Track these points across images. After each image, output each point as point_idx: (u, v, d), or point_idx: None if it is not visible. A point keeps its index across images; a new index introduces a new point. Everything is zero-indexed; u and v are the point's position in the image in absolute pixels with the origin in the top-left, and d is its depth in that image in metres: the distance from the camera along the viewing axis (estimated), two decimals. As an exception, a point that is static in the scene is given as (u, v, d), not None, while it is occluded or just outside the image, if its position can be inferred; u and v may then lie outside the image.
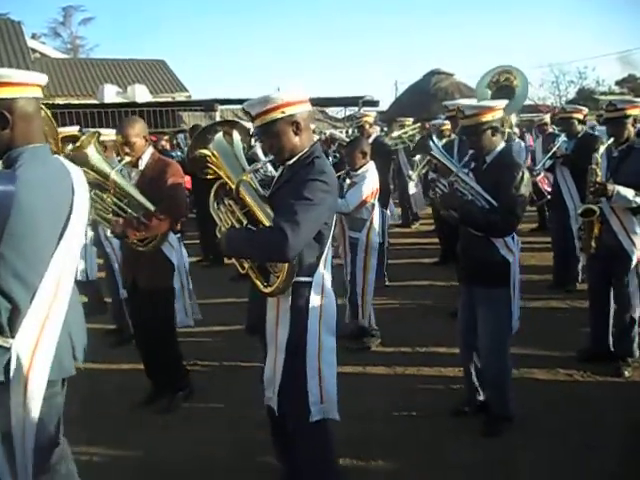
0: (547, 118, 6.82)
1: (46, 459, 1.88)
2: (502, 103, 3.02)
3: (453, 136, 5.42)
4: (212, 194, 2.23)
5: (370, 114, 6.59)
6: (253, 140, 3.55)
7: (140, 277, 3.31)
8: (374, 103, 16.20)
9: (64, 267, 1.85)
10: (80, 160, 2.83)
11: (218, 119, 12.79)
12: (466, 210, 2.87)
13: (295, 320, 2.14)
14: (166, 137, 8.41)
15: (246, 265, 2.19)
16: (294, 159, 2.14)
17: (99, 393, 3.56)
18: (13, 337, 1.75)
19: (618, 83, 28.65)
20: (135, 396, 3.51)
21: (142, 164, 3.26)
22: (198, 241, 7.29)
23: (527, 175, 2.89)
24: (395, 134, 8.38)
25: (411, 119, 9.21)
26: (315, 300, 2.14)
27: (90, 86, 17.27)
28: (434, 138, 3.30)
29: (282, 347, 2.16)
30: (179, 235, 3.46)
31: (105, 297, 5.07)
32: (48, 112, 2.15)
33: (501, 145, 2.97)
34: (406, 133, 8.36)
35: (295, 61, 72.62)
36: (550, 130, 6.62)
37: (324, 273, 2.18)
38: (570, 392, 3.46)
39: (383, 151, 5.77)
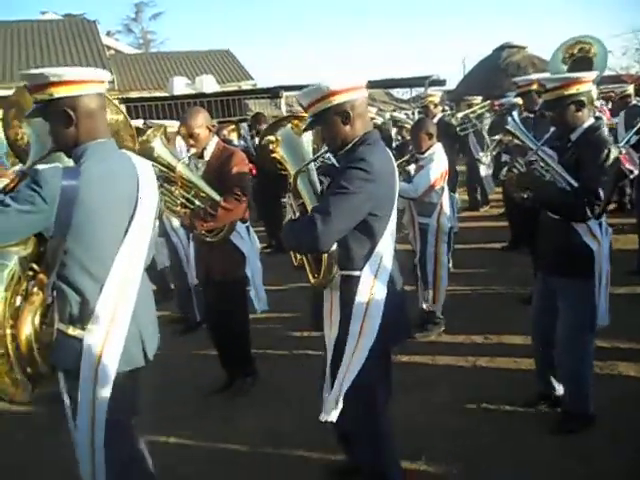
0: (630, 89, 6.23)
1: (121, 452, 1.95)
2: (591, 75, 2.75)
3: (525, 114, 5.10)
4: (292, 185, 2.19)
5: (435, 94, 6.39)
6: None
7: (213, 269, 3.34)
8: (441, 82, 15.67)
9: (131, 260, 1.90)
10: (146, 154, 2.87)
11: (283, 105, 12.86)
12: (543, 191, 2.66)
13: (343, 315, 2.09)
14: (231, 127, 8.46)
15: (299, 256, 2.18)
16: (346, 148, 2.07)
17: (167, 381, 3.66)
18: (84, 329, 1.82)
19: None
20: (204, 384, 3.61)
21: (207, 155, 3.28)
22: (263, 228, 7.39)
23: (615, 153, 2.64)
24: (461, 114, 8.04)
25: (479, 98, 8.78)
26: (362, 297, 2.05)
27: (161, 79, 17.90)
28: (514, 114, 3.09)
29: (331, 345, 2.13)
30: (247, 224, 3.48)
31: (171, 285, 5.25)
32: (123, 111, 2.19)
33: (589, 121, 2.70)
34: (474, 112, 8.00)
35: (358, 44, 71.56)
36: (634, 102, 6.09)
37: (377, 268, 2.07)
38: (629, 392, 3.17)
39: (449, 132, 5.56)
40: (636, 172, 5.04)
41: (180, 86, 15.42)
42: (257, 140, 7.72)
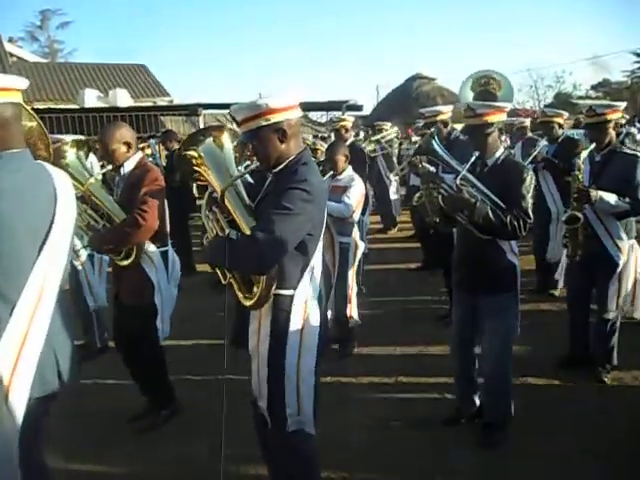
0: (527, 122, 6.77)
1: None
2: (508, 105, 2.99)
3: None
4: (204, 201, 2.17)
5: (348, 119, 6.59)
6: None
7: (122, 292, 3.22)
8: (357, 107, 16.19)
9: (46, 279, 1.78)
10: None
11: (201, 124, 12.70)
12: (481, 211, 2.72)
13: (275, 335, 2.06)
14: (146, 143, 8.25)
15: (228, 275, 2.11)
16: (280, 167, 2.07)
17: (82, 409, 3.45)
18: (-7, 353, 1.68)
19: (594, 87, 29.24)
20: (120, 413, 3.41)
21: (125, 171, 3.14)
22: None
23: (534, 178, 2.86)
24: (373, 138, 8.39)
25: (389, 123, 9.22)
26: (297, 315, 2.06)
27: (70, 90, 17.04)
28: (436, 139, 3.19)
29: (264, 362, 2.09)
30: (167, 248, 3.30)
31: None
32: (37, 118, 2.07)
33: (502, 149, 2.93)
34: (384, 138, 8.35)
35: (278, 65, 72.51)
36: (529, 134, 6.62)
37: (309, 287, 2.09)
38: (549, 397, 3.45)
39: (360, 157, 5.75)
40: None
41: (91, 99, 14.80)
42: (165, 156, 7.63)
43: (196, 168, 2.14)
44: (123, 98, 15.14)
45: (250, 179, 2.52)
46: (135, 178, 3.09)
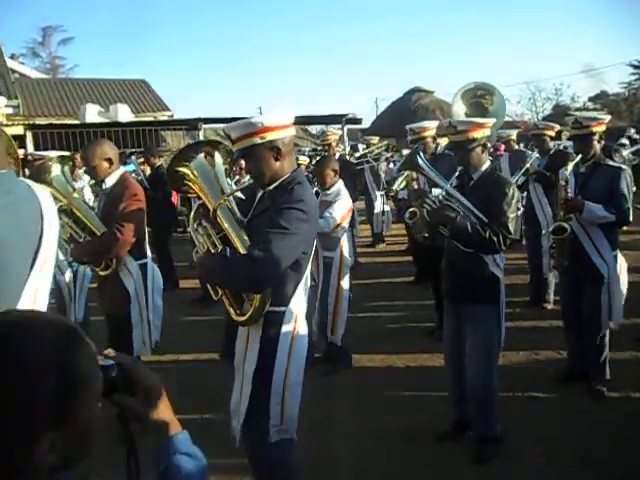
0: (514, 135, 6.71)
1: None
2: (492, 121, 3.05)
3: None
4: (192, 215, 2.19)
5: (335, 132, 6.67)
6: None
7: (103, 303, 3.41)
8: (357, 121, 16.33)
9: (37, 296, 1.81)
10: (42, 182, 2.93)
11: (202, 138, 12.82)
12: (460, 225, 2.78)
13: (264, 351, 2.08)
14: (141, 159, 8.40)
15: (220, 291, 2.13)
16: (274, 185, 2.10)
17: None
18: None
19: (591, 99, 29.44)
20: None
21: (105, 186, 3.27)
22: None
23: (517, 192, 2.91)
24: (360, 153, 8.46)
25: (377, 138, 9.31)
26: (287, 331, 2.08)
27: (71, 106, 17.20)
28: (421, 154, 3.24)
29: (249, 377, 2.10)
30: (145, 260, 3.39)
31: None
32: (5, 131, 2.12)
33: (487, 163, 2.98)
34: (372, 152, 8.40)
35: (278, 79, 73.15)
36: (517, 147, 6.59)
37: (300, 302, 2.12)
38: (544, 412, 3.43)
39: (349, 170, 5.81)
40: (521, 209, 5.52)
41: (92, 114, 14.94)
42: (149, 171, 7.72)
43: (188, 184, 2.17)
44: (124, 113, 15.29)
45: (241, 195, 2.58)
46: (116, 193, 3.23)
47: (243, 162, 4.21)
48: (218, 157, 2.23)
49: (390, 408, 3.58)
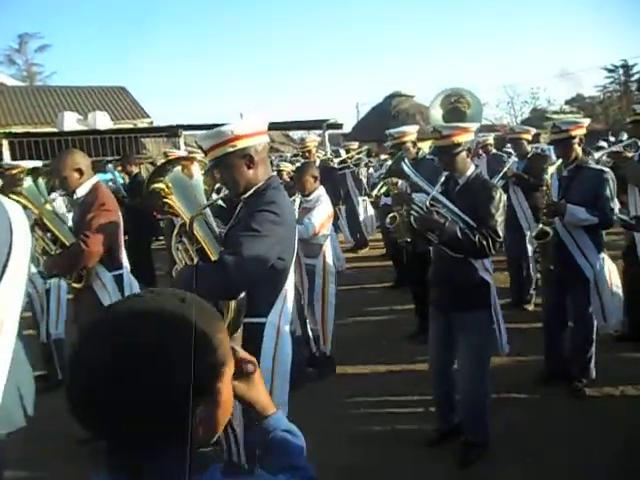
0: (491, 139, 6.74)
1: None
2: (475, 125, 3.05)
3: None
4: (174, 233, 2.12)
5: (315, 139, 6.67)
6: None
7: (77, 317, 3.36)
8: (338, 126, 16.36)
9: (5, 313, 1.77)
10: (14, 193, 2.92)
11: (182, 145, 12.73)
12: (450, 231, 2.76)
13: None
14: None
15: None
16: (249, 193, 2.05)
17: (45, 442, 3.33)
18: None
19: (568, 102, 30.01)
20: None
21: (77, 196, 3.23)
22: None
23: (504, 196, 2.91)
24: (340, 158, 8.47)
25: (356, 143, 9.36)
26: (268, 344, 1.99)
27: (49, 114, 16.97)
28: (406, 161, 3.24)
29: None
30: (121, 271, 3.32)
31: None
32: None
33: (472, 167, 2.98)
34: (352, 157, 8.44)
35: (259, 85, 73.04)
36: (494, 151, 6.61)
37: (282, 314, 2.03)
38: (527, 413, 3.43)
39: (330, 176, 5.79)
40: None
41: (70, 122, 14.74)
42: (127, 180, 7.65)
43: (165, 200, 2.10)
44: (103, 121, 15.13)
45: (223, 203, 2.53)
46: (86, 204, 3.19)
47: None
48: (197, 171, 2.18)
49: (374, 414, 3.56)
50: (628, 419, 3.24)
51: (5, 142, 11.78)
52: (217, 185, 3.42)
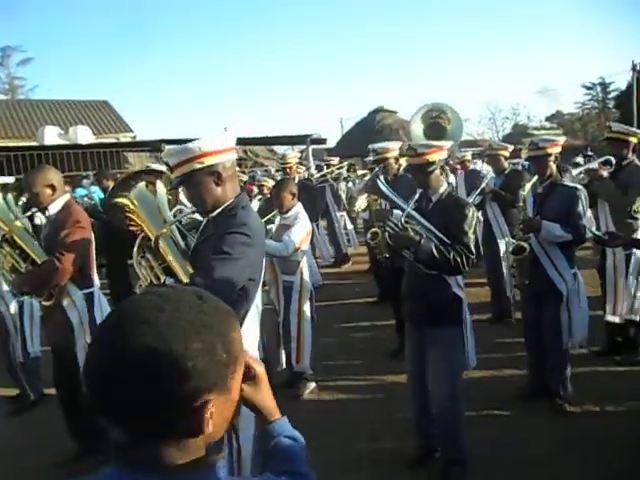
0: (469, 155, 6.79)
1: None
2: (449, 144, 3.09)
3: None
4: (135, 247, 2.10)
5: (295, 155, 6.69)
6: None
7: (47, 334, 3.35)
8: (321, 141, 16.48)
9: None
10: None
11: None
12: (425, 248, 2.78)
13: None
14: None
15: None
16: (217, 211, 2.03)
17: (19, 463, 3.31)
18: None
19: (548, 119, 30.61)
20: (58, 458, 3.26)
21: (49, 213, 3.19)
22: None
23: (476, 213, 2.94)
24: (319, 174, 8.48)
25: (336, 159, 9.42)
26: None
27: (30, 128, 16.83)
28: (381, 178, 3.26)
29: None
30: (92, 289, 3.28)
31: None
32: None
33: (445, 185, 3.02)
34: (332, 172, 8.46)
35: (243, 98, 73.24)
36: (472, 167, 6.71)
37: (249, 333, 2.00)
38: (507, 429, 3.40)
39: (310, 192, 5.80)
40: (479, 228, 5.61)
41: (51, 136, 14.64)
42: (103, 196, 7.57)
43: (129, 215, 2.08)
44: (84, 135, 15.04)
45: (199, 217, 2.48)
46: (59, 221, 3.15)
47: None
48: (160, 186, 2.16)
49: (355, 431, 3.51)
50: (609, 435, 3.24)
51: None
52: (176, 207, 3.34)
